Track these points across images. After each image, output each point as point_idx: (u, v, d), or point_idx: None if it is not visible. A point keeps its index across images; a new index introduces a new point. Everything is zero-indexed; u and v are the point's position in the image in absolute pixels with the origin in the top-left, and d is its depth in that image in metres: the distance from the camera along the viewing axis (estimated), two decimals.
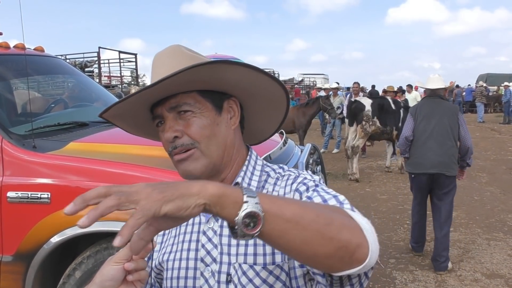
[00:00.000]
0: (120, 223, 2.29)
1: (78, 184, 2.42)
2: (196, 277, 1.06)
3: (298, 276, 1.01)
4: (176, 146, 1.05)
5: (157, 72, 1.06)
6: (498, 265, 4.54)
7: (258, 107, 1.17)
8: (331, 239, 0.75)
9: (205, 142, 1.04)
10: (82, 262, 2.40)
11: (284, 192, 1.07)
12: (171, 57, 1.06)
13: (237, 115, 1.13)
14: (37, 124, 2.85)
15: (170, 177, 2.27)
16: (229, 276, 1.02)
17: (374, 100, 9.03)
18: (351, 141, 8.89)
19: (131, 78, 20.41)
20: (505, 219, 6.03)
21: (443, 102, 4.52)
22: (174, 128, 1.04)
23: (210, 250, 1.06)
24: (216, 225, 1.08)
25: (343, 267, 0.78)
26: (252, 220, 0.71)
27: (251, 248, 1.02)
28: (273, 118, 1.21)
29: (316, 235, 0.75)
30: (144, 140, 3.25)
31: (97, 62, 16.86)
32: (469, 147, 4.32)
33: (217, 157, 1.07)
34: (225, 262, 1.03)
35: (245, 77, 1.04)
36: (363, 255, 0.78)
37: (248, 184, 1.10)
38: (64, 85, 4.56)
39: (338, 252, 0.76)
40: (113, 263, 0.91)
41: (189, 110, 1.04)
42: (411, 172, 4.51)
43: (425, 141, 4.31)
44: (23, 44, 3.32)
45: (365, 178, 8.85)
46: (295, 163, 3.09)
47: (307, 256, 0.78)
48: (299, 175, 1.10)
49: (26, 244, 2.43)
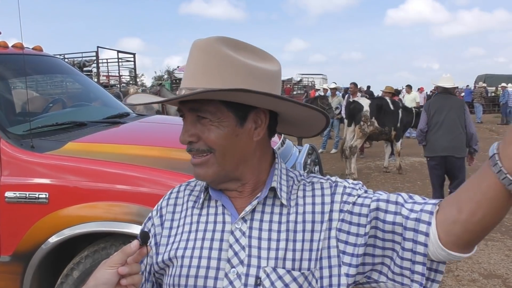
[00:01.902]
0: (118, 223, 2.30)
1: (76, 184, 2.42)
2: (218, 277, 1.02)
3: (341, 284, 1.01)
4: (192, 149, 1.04)
5: (189, 64, 1.02)
6: (496, 265, 4.55)
7: (297, 118, 1.13)
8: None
9: (220, 151, 1.02)
10: (80, 262, 2.40)
11: (321, 201, 1.06)
12: (203, 54, 1.00)
13: (263, 126, 1.06)
14: (35, 124, 2.85)
15: (168, 177, 2.27)
16: (258, 279, 1.00)
17: (373, 101, 9.04)
18: (349, 141, 8.90)
19: (129, 78, 20.38)
20: (502, 219, 6.03)
21: (452, 97, 5.40)
22: (190, 132, 1.02)
23: (238, 251, 1.03)
24: (244, 226, 1.05)
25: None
26: None
27: (281, 252, 1.01)
28: (317, 125, 1.16)
29: None
30: (143, 140, 3.26)
31: (96, 61, 16.85)
32: (473, 133, 5.15)
33: (231, 167, 1.04)
34: (253, 265, 1.01)
35: (268, 101, 1.01)
36: None
37: (280, 190, 1.07)
38: (63, 84, 4.56)
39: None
40: (107, 267, 0.91)
41: (208, 118, 1.00)
42: (427, 156, 5.36)
43: (437, 130, 5.18)
44: (21, 44, 3.32)
45: (363, 179, 8.85)
46: (293, 164, 3.09)
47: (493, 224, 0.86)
48: (335, 183, 1.09)
49: (24, 244, 2.43)
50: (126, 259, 0.91)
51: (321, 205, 1.06)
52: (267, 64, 1.05)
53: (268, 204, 1.07)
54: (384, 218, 0.98)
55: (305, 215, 1.05)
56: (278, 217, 1.05)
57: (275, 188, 1.06)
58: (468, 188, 0.86)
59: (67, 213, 2.37)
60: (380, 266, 1.02)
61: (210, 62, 0.99)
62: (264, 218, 1.05)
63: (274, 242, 1.02)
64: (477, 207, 0.83)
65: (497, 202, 0.80)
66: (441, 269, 0.97)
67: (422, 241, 0.92)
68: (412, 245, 0.94)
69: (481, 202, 0.82)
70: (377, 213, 0.99)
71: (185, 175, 2.18)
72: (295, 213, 1.06)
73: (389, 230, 0.97)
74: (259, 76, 1.02)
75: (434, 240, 0.90)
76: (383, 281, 1.02)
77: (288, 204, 1.06)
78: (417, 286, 0.95)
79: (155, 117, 3.71)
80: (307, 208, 1.06)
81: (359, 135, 8.75)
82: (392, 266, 0.99)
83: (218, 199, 1.10)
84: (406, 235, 0.94)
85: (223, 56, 0.99)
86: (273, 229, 1.04)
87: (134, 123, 3.44)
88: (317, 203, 1.07)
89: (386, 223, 0.98)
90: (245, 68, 1.00)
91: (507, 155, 0.77)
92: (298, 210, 1.06)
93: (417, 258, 0.93)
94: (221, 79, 0.98)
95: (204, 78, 0.98)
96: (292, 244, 1.02)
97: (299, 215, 1.06)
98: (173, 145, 2.69)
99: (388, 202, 0.99)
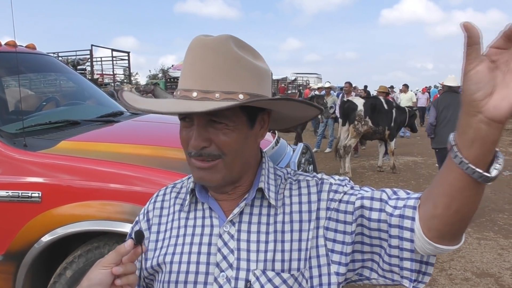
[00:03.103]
0: (111, 222, 2.29)
1: (69, 183, 2.40)
2: (208, 282, 1.01)
3: (332, 283, 1.01)
4: (202, 154, 0.99)
5: (195, 64, 0.97)
6: (488, 264, 4.58)
7: (290, 113, 1.14)
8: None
9: (231, 156, 1.00)
10: (73, 261, 2.39)
11: (308, 199, 1.06)
12: (215, 53, 0.96)
13: (266, 126, 1.08)
14: (28, 123, 2.83)
15: (162, 176, 2.26)
16: (248, 282, 0.99)
17: (367, 100, 9.06)
18: (343, 140, 8.92)
19: (123, 77, 20.32)
20: (495, 218, 6.08)
21: (458, 95, 6.09)
22: (204, 137, 0.98)
23: (227, 255, 1.02)
24: (233, 229, 1.04)
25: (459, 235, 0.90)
26: None
27: (270, 254, 1.01)
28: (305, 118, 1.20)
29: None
30: (137, 139, 3.24)
31: (90, 60, 16.78)
32: None
33: (238, 171, 1.03)
34: (243, 268, 1.00)
35: (288, 105, 1.04)
36: None
37: (268, 190, 1.06)
38: (56, 83, 4.53)
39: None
40: (101, 267, 0.90)
41: (224, 123, 0.97)
42: (436, 147, 6.29)
43: (446, 124, 6.03)
44: (14, 42, 3.30)
45: (357, 178, 8.88)
46: (287, 163, 3.09)
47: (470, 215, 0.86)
48: (321, 180, 1.09)
49: (17, 243, 2.41)
50: (120, 258, 0.90)
51: (308, 204, 1.06)
52: (262, 63, 1.05)
53: (256, 205, 1.06)
54: (369, 216, 0.98)
55: (292, 214, 1.05)
56: (266, 219, 1.04)
57: (262, 189, 1.05)
58: (438, 182, 0.86)
59: (60, 212, 2.35)
60: (370, 263, 1.02)
61: (225, 64, 0.96)
62: (252, 220, 1.04)
63: (263, 244, 1.01)
64: (450, 200, 0.83)
65: (467, 192, 0.80)
66: (431, 261, 0.97)
67: (408, 237, 0.92)
68: (399, 242, 0.93)
69: (452, 195, 0.82)
70: (362, 211, 0.99)
71: (179, 174, 2.17)
72: (283, 213, 1.05)
73: (375, 228, 0.97)
74: (264, 77, 1.03)
75: (420, 235, 0.90)
76: (375, 277, 1.02)
77: (276, 205, 1.05)
78: (407, 282, 0.95)
79: (149, 116, 3.69)
80: (294, 207, 1.06)
81: (353, 134, 8.77)
82: (381, 263, 0.99)
83: (205, 201, 1.09)
84: (392, 232, 0.94)
85: (238, 58, 0.97)
86: (262, 231, 1.03)
87: (128, 121, 3.43)
88: (304, 202, 1.06)
89: (371, 221, 0.97)
90: (256, 70, 1.00)
91: (463, 145, 0.77)
92: (285, 210, 1.06)
93: (404, 255, 0.94)
94: (240, 81, 0.97)
95: (221, 80, 0.95)
96: (281, 245, 1.02)
97: (286, 215, 1.05)
98: (167, 144, 2.69)
99: (372, 199, 0.99)
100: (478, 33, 0.70)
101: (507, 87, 0.71)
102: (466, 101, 0.74)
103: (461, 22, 0.70)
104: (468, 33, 0.70)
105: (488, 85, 0.72)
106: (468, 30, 0.70)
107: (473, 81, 0.72)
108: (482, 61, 0.72)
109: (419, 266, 0.96)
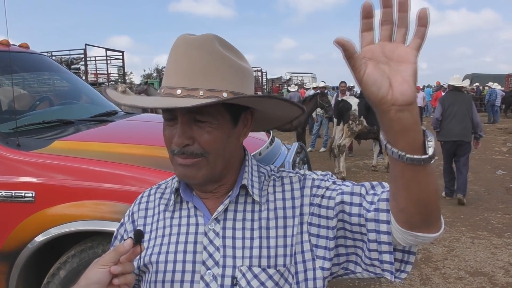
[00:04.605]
0: (105, 222, 2.28)
1: (63, 183, 2.39)
2: (195, 280, 1.01)
3: (317, 277, 1.02)
4: (185, 152, 1.00)
5: (180, 62, 0.98)
6: (482, 263, 4.60)
7: (274, 113, 1.15)
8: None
9: (214, 155, 1.00)
10: (66, 261, 2.38)
11: (291, 196, 1.07)
12: (200, 52, 0.97)
13: (249, 125, 1.09)
14: (21, 122, 2.81)
15: (156, 175, 2.26)
16: (234, 279, 0.99)
17: (361, 100, 9.07)
18: (338, 140, 8.93)
19: (118, 76, 20.26)
20: (489, 217, 6.11)
21: (462, 94, 6.97)
22: (187, 135, 0.99)
23: (212, 253, 1.02)
24: (218, 226, 1.04)
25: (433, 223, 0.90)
26: None
27: (256, 250, 1.01)
28: (288, 119, 1.19)
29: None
30: (131, 139, 3.23)
31: (84, 59, 16.73)
32: (478, 122, 6.71)
33: (220, 169, 1.04)
34: (229, 265, 1.00)
35: (273, 104, 1.04)
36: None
37: (252, 186, 1.06)
38: (50, 82, 4.51)
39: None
40: (99, 266, 0.89)
41: (208, 121, 0.98)
42: (441, 140, 6.80)
43: (451, 120, 6.65)
44: (7, 41, 3.28)
45: (352, 177, 8.90)
46: (281, 162, 3.09)
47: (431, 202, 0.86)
48: (304, 176, 1.10)
49: (10, 243, 2.40)
50: (118, 258, 0.90)
51: (292, 200, 1.07)
52: (245, 63, 1.06)
53: (241, 202, 1.07)
54: (350, 211, 0.99)
55: (276, 211, 1.06)
56: (251, 215, 1.05)
57: (246, 186, 1.06)
58: (392, 180, 0.88)
59: (53, 212, 2.34)
60: (355, 256, 1.03)
61: (210, 62, 0.97)
62: (237, 217, 1.05)
63: (248, 241, 1.02)
64: (407, 192, 0.84)
65: (418, 178, 0.82)
66: (413, 250, 0.98)
67: (384, 230, 0.94)
68: (376, 235, 0.95)
69: (407, 186, 0.84)
70: (342, 207, 1.00)
71: (173, 174, 2.16)
72: (267, 209, 1.06)
73: (355, 223, 0.99)
74: (247, 76, 1.04)
75: (396, 227, 0.91)
76: (359, 271, 1.04)
77: (260, 201, 1.06)
78: (389, 274, 0.96)
79: (143, 116, 3.68)
80: (278, 204, 1.07)
81: (347, 134, 8.79)
82: (363, 257, 1.00)
83: (190, 200, 1.09)
84: (369, 227, 0.96)
85: (222, 56, 0.98)
86: (247, 227, 1.04)
87: (122, 121, 3.42)
88: (288, 198, 1.07)
89: (352, 215, 0.99)
90: (239, 69, 1.01)
91: (394, 139, 0.80)
92: (270, 206, 1.06)
93: (383, 248, 0.95)
94: (225, 80, 0.98)
95: (206, 78, 0.96)
96: (266, 241, 1.02)
97: (271, 211, 1.06)
98: (161, 143, 2.67)
99: (352, 194, 1.01)
100: (350, 43, 0.73)
101: (398, 72, 0.75)
102: (375, 103, 0.77)
103: (334, 40, 0.73)
104: (342, 47, 0.73)
105: (384, 80, 0.75)
106: (341, 45, 0.73)
107: (370, 84, 0.75)
108: (366, 64, 0.76)
109: (401, 255, 0.98)
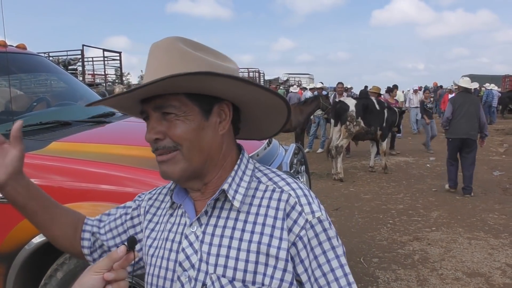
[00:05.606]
0: None
1: (60, 184, 2.39)
2: (173, 279, 1.03)
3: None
4: (158, 148, 1.02)
5: (151, 64, 1.03)
6: (479, 263, 4.61)
7: (258, 111, 1.12)
8: None
9: (187, 146, 1.01)
10: (64, 262, 2.37)
11: (274, 215, 1.01)
12: (164, 52, 1.01)
13: (227, 119, 1.07)
14: None
15: (152, 177, 2.26)
16: (204, 286, 0.99)
17: (358, 101, 9.09)
18: (335, 141, 8.94)
19: (115, 77, 20.23)
20: (486, 218, 6.13)
21: (470, 96, 7.52)
22: (156, 130, 1.01)
23: (190, 255, 1.03)
24: (199, 230, 1.04)
25: None
26: None
27: (231, 261, 0.99)
28: (278, 119, 1.16)
29: None
30: (128, 140, 3.22)
31: (81, 60, 16.70)
32: (484, 122, 7.28)
33: (198, 162, 1.03)
34: (202, 270, 1.00)
35: (232, 87, 1.00)
36: None
37: (235, 191, 1.03)
38: (47, 83, 4.50)
39: None
40: (93, 272, 0.89)
41: (173, 113, 1.00)
42: (450, 137, 7.37)
43: (459, 119, 7.18)
44: (4, 42, 3.27)
45: (349, 178, 8.92)
46: (279, 164, 3.09)
47: None
48: (298, 203, 1.02)
49: (7, 245, 2.39)
50: (112, 264, 0.90)
51: (274, 219, 1.01)
52: (226, 63, 1.06)
53: (226, 208, 1.04)
54: None
55: (255, 225, 1.01)
56: (232, 223, 1.02)
57: (224, 190, 1.03)
58: None
59: None
60: None
61: (172, 59, 0.99)
62: (218, 223, 1.03)
63: (225, 249, 1.00)
64: None
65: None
66: None
67: None
68: None
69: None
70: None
71: None
72: (244, 221, 1.02)
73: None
74: (218, 69, 1.01)
75: None
76: None
77: (240, 208, 1.03)
78: None
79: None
80: (259, 219, 1.02)
81: (345, 135, 8.80)
82: None
83: (181, 202, 1.11)
84: None
85: (185, 53, 1.00)
86: (226, 235, 1.01)
87: (119, 122, 3.41)
88: (270, 215, 1.01)
89: None
90: (207, 63, 1.01)
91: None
92: (249, 219, 1.02)
93: None
94: (186, 70, 0.96)
95: (167, 72, 0.95)
96: (237, 253, 0.99)
97: (249, 224, 1.02)
98: None
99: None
100: None
101: None
102: None
103: None
104: None
105: None
106: None
107: None
108: None
109: None
